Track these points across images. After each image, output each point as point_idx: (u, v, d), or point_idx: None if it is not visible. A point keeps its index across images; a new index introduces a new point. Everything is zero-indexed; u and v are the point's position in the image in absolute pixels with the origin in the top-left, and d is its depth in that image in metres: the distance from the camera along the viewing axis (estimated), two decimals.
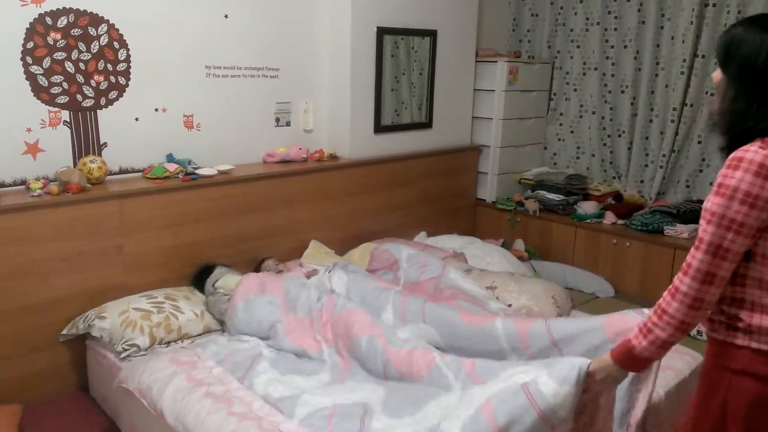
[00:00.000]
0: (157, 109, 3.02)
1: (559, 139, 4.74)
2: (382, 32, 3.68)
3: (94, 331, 2.56)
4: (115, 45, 2.83)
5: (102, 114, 2.86)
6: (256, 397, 2.16)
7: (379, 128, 3.84)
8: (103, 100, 2.85)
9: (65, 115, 2.76)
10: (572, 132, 4.67)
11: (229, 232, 3.16)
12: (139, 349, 2.52)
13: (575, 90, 4.59)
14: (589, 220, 4.08)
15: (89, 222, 2.67)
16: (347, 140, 3.69)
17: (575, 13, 4.48)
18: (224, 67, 3.23)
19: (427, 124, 4.15)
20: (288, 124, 3.59)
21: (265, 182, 3.27)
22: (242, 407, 2.09)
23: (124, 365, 2.48)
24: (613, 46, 4.32)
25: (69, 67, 2.72)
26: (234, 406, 2.10)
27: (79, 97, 2.78)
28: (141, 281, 2.86)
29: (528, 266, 3.91)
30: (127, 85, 2.90)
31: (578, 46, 4.51)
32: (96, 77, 2.81)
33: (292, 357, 2.45)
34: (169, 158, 3.08)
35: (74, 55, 2.73)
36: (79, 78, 2.76)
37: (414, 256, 3.03)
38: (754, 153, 1.34)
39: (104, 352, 2.61)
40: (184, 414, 2.11)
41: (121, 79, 2.89)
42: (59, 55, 2.68)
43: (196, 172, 3.05)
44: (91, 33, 2.75)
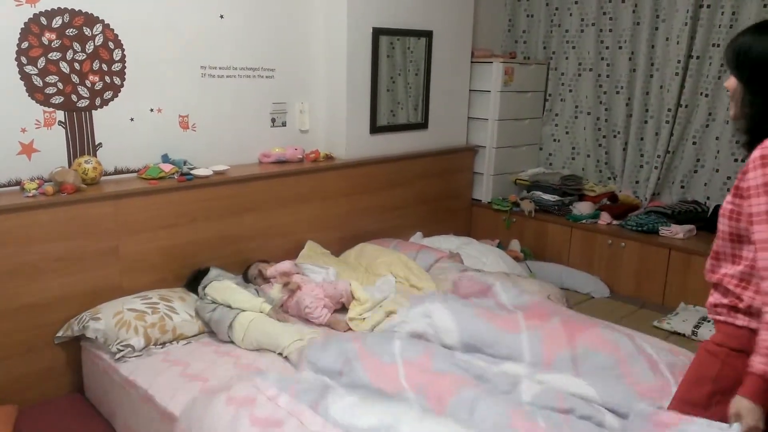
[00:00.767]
0: (152, 110, 3.02)
1: (555, 140, 4.76)
2: (377, 33, 3.68)
3: (89, 333, 2.55)
4: (110, 45, 2.83)
5: (97, 114, 2.85)
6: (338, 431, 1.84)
7: (375, 129, 3.84)
8: (98, 101, 2.84)
9: (60, 115, 2.75)
10: (567, 133, 4.68)
11: (225, 233, 3.16)
12: (133, 350, 2.52)
13: (570, 91, 4.60)
14: (584, 221, 4.09)
15: (84, 223, 2.66)
16: (343, 141, 3.69)
17: (570, 14, 4.49)
18: (220, 68, 3.22)
19: (423, 125, 4.15)
20: (284, 125, 3.59)
21: (261, 183, 3.27)
22: None
23: (179, 416, 2.12)
24: (608, 47, 4.34)
25: (64, 67, 2.71)
26: None
27: (74, 98, 2.77)
28: (136, 282, 2.85)
29: (524, 267, 3.92)
30: (122, 86, 2.90)
31: (573, 47, 4.52)
32: (91, 77, 2.80)
33: (371, 389, 2.13)
34: (165, 159, 3.07)
35: (69, 55, 2.72)
36: (74, 78, 2.75)
37: (502, 278, 2.94)
38: None
39: (99, 353, 2.59)
40: None
41: (116, 80, 2.88)
42: (54, 55, 2.68)
43: (192, 172, 3.04)
44: (86, 33, 2.75)
